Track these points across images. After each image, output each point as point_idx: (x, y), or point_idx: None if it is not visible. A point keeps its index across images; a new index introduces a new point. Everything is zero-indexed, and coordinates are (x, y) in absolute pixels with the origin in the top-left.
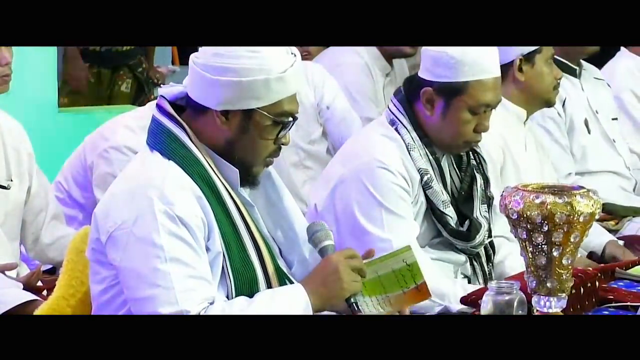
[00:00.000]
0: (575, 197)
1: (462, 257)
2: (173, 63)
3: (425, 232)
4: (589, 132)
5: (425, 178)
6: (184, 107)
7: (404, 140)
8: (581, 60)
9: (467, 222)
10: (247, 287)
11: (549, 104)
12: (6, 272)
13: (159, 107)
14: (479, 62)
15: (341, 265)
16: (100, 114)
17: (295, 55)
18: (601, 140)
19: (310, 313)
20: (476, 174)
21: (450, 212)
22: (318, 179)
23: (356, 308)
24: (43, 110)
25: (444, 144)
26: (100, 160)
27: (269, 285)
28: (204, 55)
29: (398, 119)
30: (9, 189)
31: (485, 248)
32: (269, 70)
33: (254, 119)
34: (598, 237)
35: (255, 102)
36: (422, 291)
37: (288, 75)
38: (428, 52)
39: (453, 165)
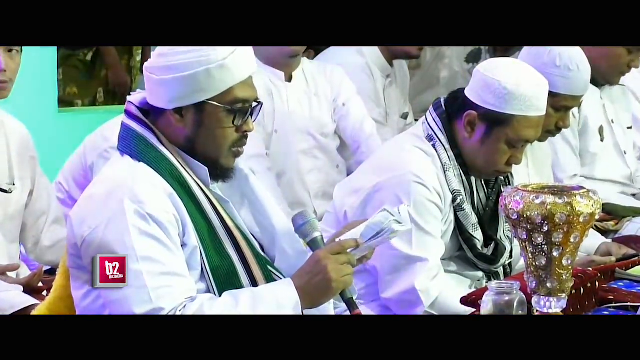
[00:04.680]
0: (575, 197)
1: (480, 274)
2: None
3: (448, 248)
4: (602, 140)
5: (458, 200)
6: (150, 111)
7: (440, 159)
8: None
9: (492, 245)
10: (226, 279)
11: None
12: (7, 273)
13: (127, 112)
14: (530, 98)
15: (329, 261)
16: (100, 114)
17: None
18: (612, 150)
19: (300, 313)
20: (503, 189)
21: (478, 235)
22: (343, 182)
23: (355, 306)
24: (43, 110)
25: (476, 167)
26: (100, 160)
27: (251, 276)
28: (151, 59)
29: (437, 136)
30: (10, 192)
31: (503, 266)
32: (207, 61)
33: (207, 111)
34: (591, 240)
35: (203, 95)
36: None
37: (230, 63)
38: (480, 74)
39: (481, 181)
